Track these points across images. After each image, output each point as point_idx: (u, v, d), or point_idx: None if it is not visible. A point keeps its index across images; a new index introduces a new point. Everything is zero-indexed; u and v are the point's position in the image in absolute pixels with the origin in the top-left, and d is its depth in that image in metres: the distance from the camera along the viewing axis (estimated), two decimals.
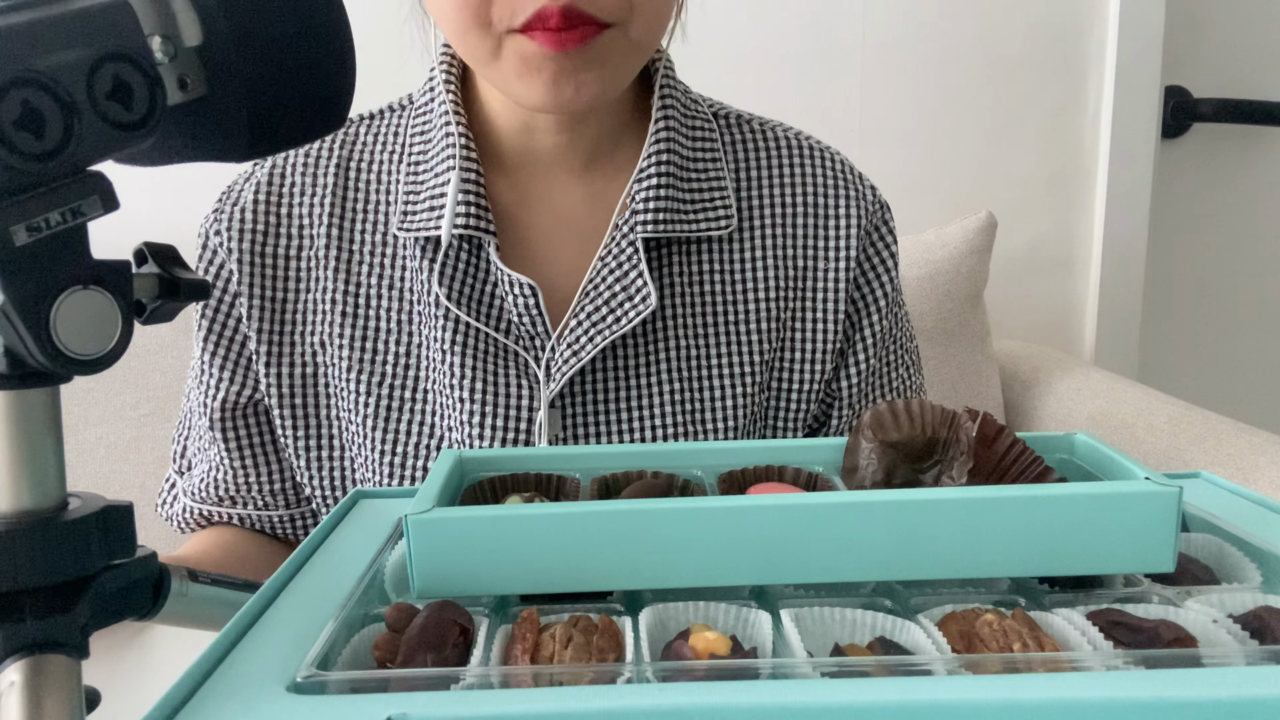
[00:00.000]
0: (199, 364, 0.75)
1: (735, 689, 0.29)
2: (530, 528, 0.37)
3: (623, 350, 0.70)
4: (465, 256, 0.70)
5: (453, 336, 0.69)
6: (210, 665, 0.33)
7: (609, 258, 0.69)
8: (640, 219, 0.69)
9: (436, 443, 0.70)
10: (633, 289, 0.69)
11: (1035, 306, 1.61)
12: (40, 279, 0.28)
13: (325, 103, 0.34)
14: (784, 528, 0.37)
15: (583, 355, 0.67)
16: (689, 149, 0.73)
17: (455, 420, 0.69)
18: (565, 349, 0.68)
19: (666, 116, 0.72)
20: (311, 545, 0.44)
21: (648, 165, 0.70)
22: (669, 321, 0.71)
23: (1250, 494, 0.48)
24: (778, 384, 0.74)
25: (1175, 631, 0.33)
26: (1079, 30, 1.52)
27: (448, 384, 0.69)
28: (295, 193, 0.73)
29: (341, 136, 0.75)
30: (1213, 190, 1.71)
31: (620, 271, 0.69)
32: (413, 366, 0.70)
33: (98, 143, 0.28)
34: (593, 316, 0.68)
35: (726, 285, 0.72)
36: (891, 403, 0.45)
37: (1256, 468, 0.99)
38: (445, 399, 0.69)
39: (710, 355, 0.71)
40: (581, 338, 0.68)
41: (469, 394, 0.68)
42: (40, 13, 0.27)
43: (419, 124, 0.73)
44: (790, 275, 0.74)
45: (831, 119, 1.49)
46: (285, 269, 0.72)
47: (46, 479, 0.32)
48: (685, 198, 0.71)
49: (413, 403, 0.70)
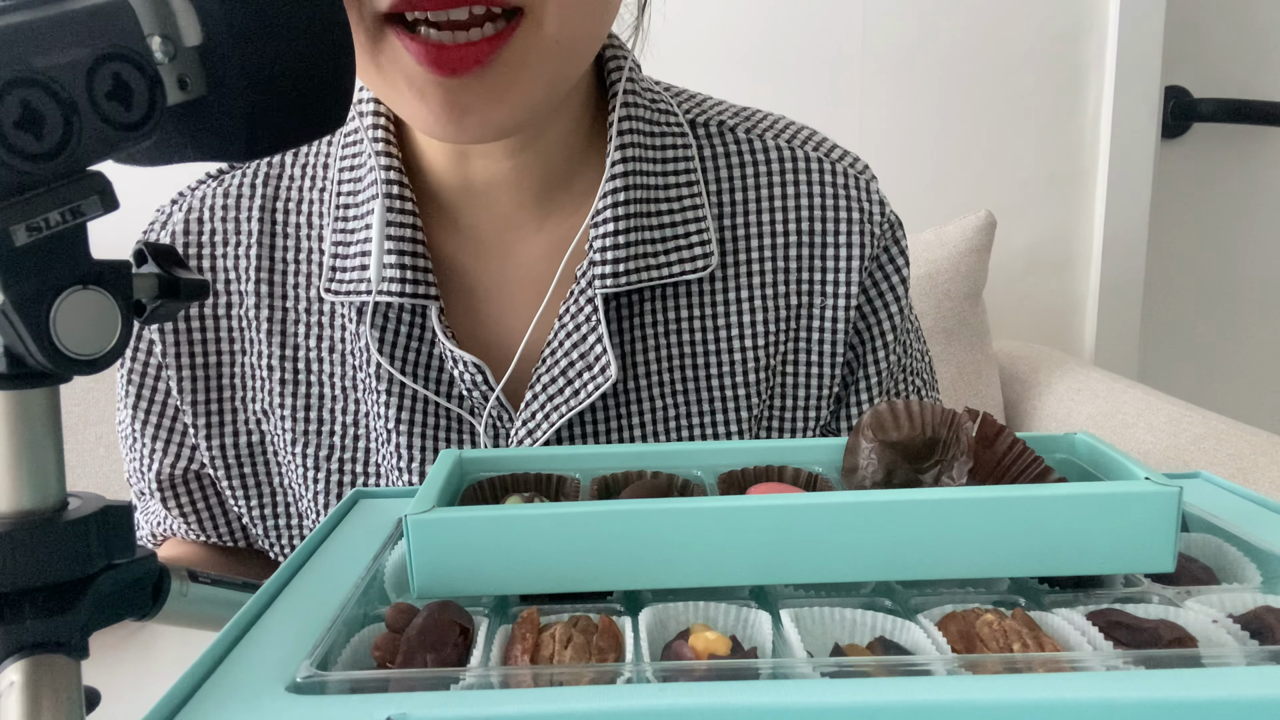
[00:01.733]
0: (129, 431, 0.65)
1: (735, 689, 0.29)
2: (530, 528, 0.37)
3: (590, 420, 0.61)
4: (407, 320, 0.59)
5: (398, 413, 0.59)
6: (210, 665, 0.33)
7: (567, 319, 0.59)
8: (598, 272, 0.58)
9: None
10: (591, 357, 0.59)
11: (1035, 306, 1.61)
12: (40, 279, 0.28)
13: (324, 102, 0.34)
14: (784, 528, 0.37)
15: (538, 435, 0.59)
16: (659, 175, 0.61)
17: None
18: (520, 427, 0.60)
19: (627, 139, 0.59)
20: (311, 545, 0.44)
21: (604, 206, 0.58)
22: (640, 382, 0.61)
23: (1250, 494, 0.48)
24: (768, 436, 0.64)
25: (1175, 631, 0.33)
26: (1079, 30, 1.52)
27: (395, 465, 0.60)
28: (217, 242, 0.62)
29: (265, 170, 0.63)
30: (1213, 190, 1.71)
31: (579, 335, 0.59)
32: (362, 437, 0.61)
33: (97, 143, 0.28)
34: (549, 390, 0.59)
35: (708, 332, 0.62)
36: (891, 403, 0.45)
37: (1256, 468, 0.99)
38: (397, 479, 0.61)
39: (691, 415, 0.62)
40: (538, 413, 0.59)
41: (419, 478, 0.60)
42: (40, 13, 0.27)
43: (348, 155, 0.61)
44: (783, 315, 0.63)
45: (831, 119, 1.49)
46: (215, 330, 0.62)
47: (46, 479, 0.32)
48: (654, 235, 0.60)
49: (364, 477, 0.62)
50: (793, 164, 0.64)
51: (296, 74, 0.33)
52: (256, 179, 0.62)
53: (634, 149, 0.60)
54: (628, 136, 0.60)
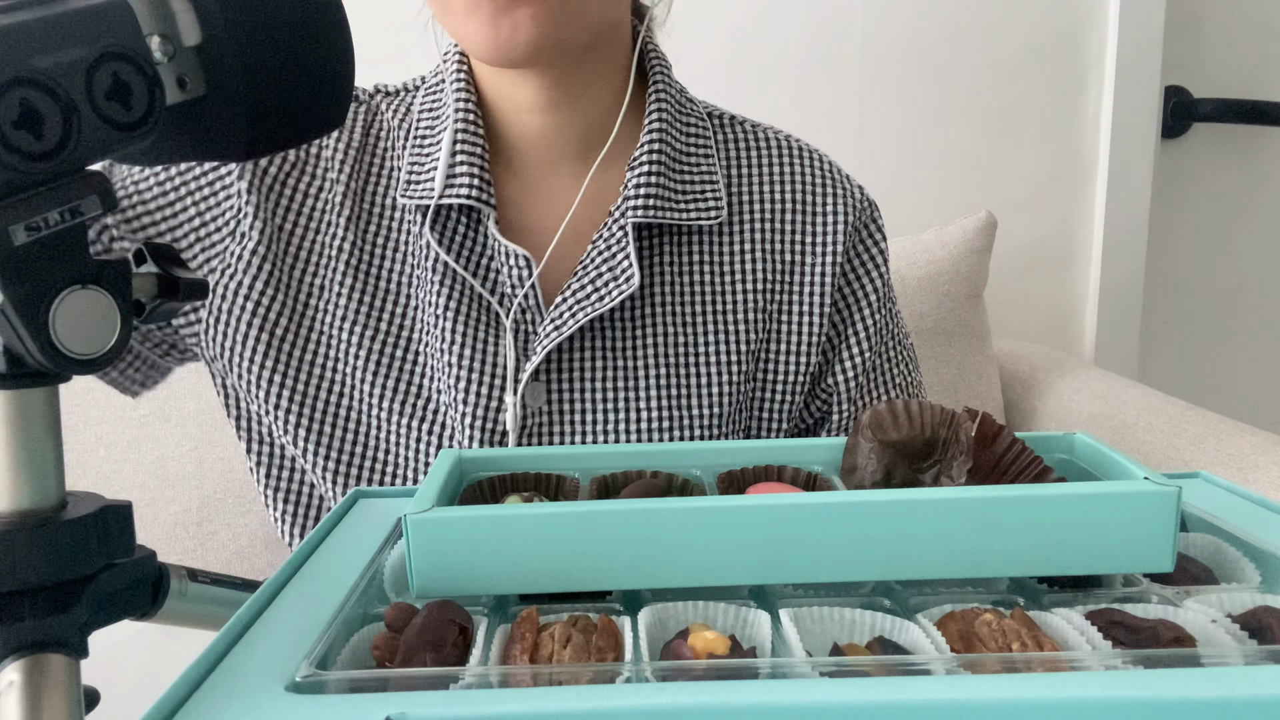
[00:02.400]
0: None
1: (734, 688, 0.29)
2: (529, 527, 0.37)
3: (610, 330, 0.71)
4: (464, 226, 0.72)
5: (447, 301, 0.70)
6: (209, 665, 0.33)
7: (600, 242, 0.71)
8: (631, 204, 0.71)
9: (424, 403, 0.71)
10: (619, 270, 0.70)
11: (1035, 306, 1.61)
12: (39, 278, 0.28)
13: (324, 102, 0.34)
14: (783, 528, 0.37)
15: (564, 330, 0.69)
16: (682, 143, 0.75)
17: (444, 383, 0.70)
18: (549, 324, 0.70)
19: (660, 110, 0.73)
20: (311, 545, 0.44)
21: (641, 154, 0.72)
22: (656, 306, 0.72)
23: (1250, 494, 0.48)
24: (763, 375, 0.75)
25: (1174, 631, 0.33)
26: (1079, 30, 1.52)
27: (438, 347, 0.70)
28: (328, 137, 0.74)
29: (366, 104, 0.77)
30: (1213, 190, 1.72)
31: (609, 254, 0.71)
32: (406, 329, 0.72)
33: (97, 142, 0.28)
34: (578, 295, 0.70)
35: (715, 275, 0.74)
36: (891, 403, 0.45)
37: (1256, 468, 0.99)
38: (436, 362, 0.70)
39: (696, 342, 0.73)
40: (565, 314, 0.70)
41: (457, 359, 0.70)
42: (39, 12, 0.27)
43: (428, 102, 0.75)
44: (778, 269, 0.75)
45: (831, 119, 1.49)
46: (301, 205, 0.72)
47: (46, 479, 0.32)
48: (677, 188, 0.73)
49: (403, 362, 0.71)
50: (789, 152, 0.78)
51: (296, 74, 0.33)
52: (359, 108, 0.76)
53: (665, 119, 0.74)
54: (662, 108, 0.74)
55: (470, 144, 0.70)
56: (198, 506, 1.15)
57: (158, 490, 1.16)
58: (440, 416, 0.71)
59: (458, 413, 0.70)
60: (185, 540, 1.16)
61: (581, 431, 0.71)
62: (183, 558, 1.15)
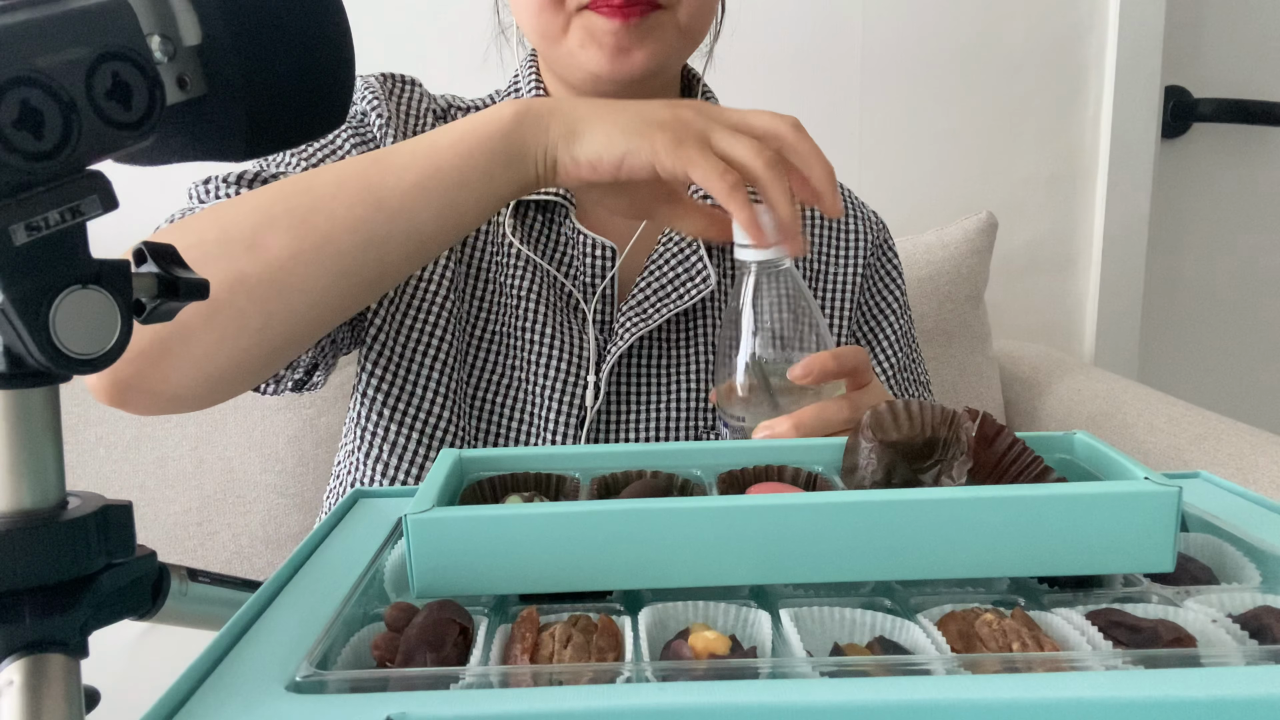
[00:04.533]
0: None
1: (734, 688, 0.29)
2: (530, 527, 0.37)
3: (674, 325, 0.78)
4: (542, 219, 0.78)
5: (529, 285, 0.76)
6: (210, 665, 0.33)
7: (669, 242, 0.78)
8: None
9: (498, 378, 0.76)
10: (693, 270, 0.78)
11: (1035, 306, 1.61)
12: (39, 278, 0.28)
13: (324, 102, 0.34)
14: (784, 528, 0.37)
15: (650, 321, 0.76)
16: None
17: (521, 359, 0.75)
18: (632, 314, 0.76)
19: None
20: (311, 545, 0.44)
21: None
22: (710, 307, 0.79)
23: (1250, 494, 0.48)
24: None
25: (1174, 631, 0.33)
26: (1079, 30, 1.52)
27: (520, 326, 0.76)
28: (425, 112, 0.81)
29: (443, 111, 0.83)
30: (1213, 190, 1.71)
31: (681, 254, 0.78)
32: (484, 310, 0.77)
33: (97, 142, 0.28)
34: (657, 290, 0.77)
35: None
36: (891, 403, 0.45)
37: (1256, 468, 0.99)
38: (515, 341, 0.76)
39: None
40: (648, 307, 0.76)
41: (539, 337, 0.75)
42: (39, 12, 0.27)
43: None
44: (807, 277, 0.83)
45: (831, 119, 1.49)
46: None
47: (46, 479, 0.32)
48: None
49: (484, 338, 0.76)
50: None
51: (296, 74, 0.33)
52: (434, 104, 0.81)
53: None
54: None
55: None
56: (198, 506, 1.15)
57: (158, 490, 1.16)
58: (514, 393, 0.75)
59: (538, 388, 0.75)
60: (185, 540, 1.16)
61: (645, 412, 0.77)
62: (183, 558, 1.15)
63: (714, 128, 0.60)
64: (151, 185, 1.21)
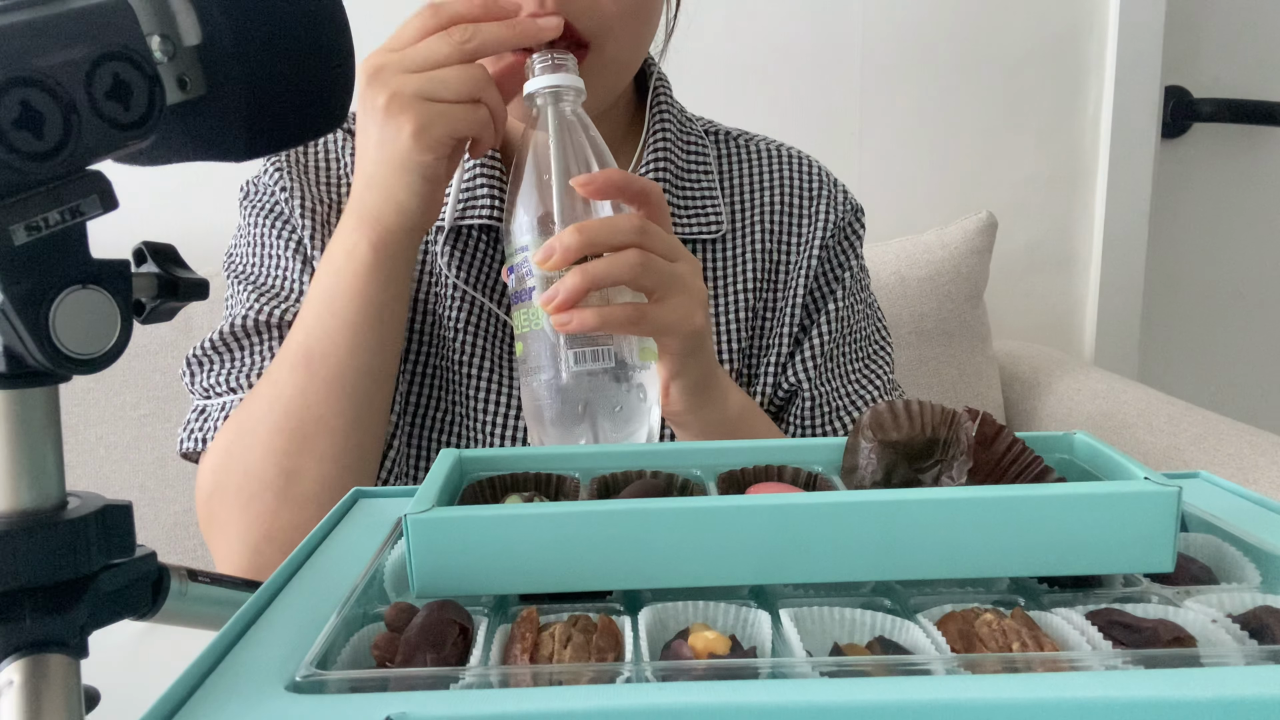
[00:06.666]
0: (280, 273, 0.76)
1: (734, 688, 0.29)
2: (530, 527, 0.37)
3: None
4: (483, 244, 0.76)
5: (465, 316, 0.74)
6: (209, 664, 0.33)
7: None
8: None
9: (442, 414, 0.75)
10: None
11: (1035, 306, 1.61)
12: (39, 278, 0.28)
13: (324, 102, 0.34)
14: (784, 528, 0.37)
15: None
16: (683, 161, 0.80)
17: (461, 395, 0.74)
18: None
19: (663, 129, 0.78)
20: (311, 545, 0.44)
21: (645, 171, 0.76)
22: None
23: (1250, 494, 0.48)
24: (748, 371, 0.80)
25: (1174, 631, 0.33)
26: (1079, 30, 1.52)
27: (457, 360, 0.74)
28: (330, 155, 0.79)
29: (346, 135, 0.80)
30: (1213, 190, 1.72)
31: None
32: (424, 344, 0.76)
33: (97, 142, 0.28)
34: None
35: (716, 283, 0.79)
36: (891, 402, 0.45)
37: (1256, 468, 0.99)
38: (454, 376, 0.74)
39: None
40: None
41: (475, 371, 0.74)
42: (39, 12, 0.27)
43: None
44: (766, 269, 0.81)
45: (831, 119, 1.49)
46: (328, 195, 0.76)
47: (46, 478, 0.32)
48: (680, 203, 0.78)
49: (426, 374, 0.75)
50: (779, 159, 0.85)
51: (296, 74, 0.33)
52: None
53: (668, 138, 0.79)
54: (664, 128, 0.79)
55: (490, 167, 0.74)
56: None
57: (158, 490, 1.16)
58: (457, 428, 0.74)
59: (478, 423, 0.73)
60: (185, 540, 1.16)
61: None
62: (183, 558, 1.15)
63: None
64: (151, 185, 1.21)
